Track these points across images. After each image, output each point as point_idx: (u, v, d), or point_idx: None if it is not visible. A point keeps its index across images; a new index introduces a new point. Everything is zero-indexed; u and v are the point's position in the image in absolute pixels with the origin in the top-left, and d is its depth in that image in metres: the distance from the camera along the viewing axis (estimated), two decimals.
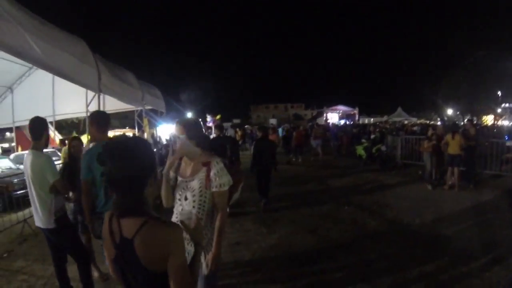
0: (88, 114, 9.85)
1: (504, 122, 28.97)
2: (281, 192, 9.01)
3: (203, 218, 2.40)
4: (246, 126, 33.86)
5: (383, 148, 12.39)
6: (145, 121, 15.69)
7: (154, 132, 22.39)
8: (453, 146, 8.59)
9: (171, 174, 2.54)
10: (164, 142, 15.68)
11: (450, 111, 48.17)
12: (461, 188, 8.63)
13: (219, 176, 2.39)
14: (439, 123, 37.56)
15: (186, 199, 2.42)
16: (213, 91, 73.46)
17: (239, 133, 24.84)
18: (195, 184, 2.41)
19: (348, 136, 19.58)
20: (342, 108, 53.29)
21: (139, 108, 13.92)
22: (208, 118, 27.36)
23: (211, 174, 2.39)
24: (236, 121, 60.36)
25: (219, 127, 8.17)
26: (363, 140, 13.47)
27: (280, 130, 20.25)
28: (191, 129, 2.54)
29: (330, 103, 54.45)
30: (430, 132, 9.41)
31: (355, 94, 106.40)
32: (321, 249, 5.14)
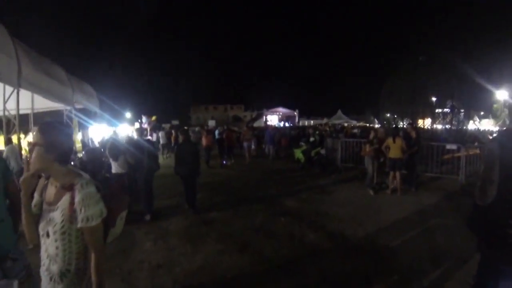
0: (7, 112, 8.40)
1: (438, 126, 30.99)
2: (212, 200, 8.07)
3: (71, 269, 1.73)
4: (185, 128, 32.39)
5: (323, 151, 11.90)
6: (75, 122, 14.21)
7: (85, 134, 20.60)
8: (395, 150, 8.31)
9: (36, 197, 1.86)
10: (97, 145, 14.06)
11: (388, 114, 51.10)
12: (403, 192, 8.36)
13: (86, 206, 1.69)
14: (377, 125, 39.35)
15: (48, 235, 1.75)
16: (151, 91, 70.51)
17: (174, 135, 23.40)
18: (57, 215, 1.73)
19: (286, 138, 19.13)
20: (282, 110, 53.94)
21: (68, 108, 12.30)
22: (144, 119, 25.90)
23: (75, 202, 1.69)
24: (175, 122, 58.92)
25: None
26: (302, 143, 12.88)
27: (216, 132, 19.30)
28: (49, 136, 1.75)
29: (270, 105, 54.88)
30: (371, 135, 8.99)
31: (295, 96, 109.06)
32: (252, 272, 4.23)
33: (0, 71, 7.24)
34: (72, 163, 9.66)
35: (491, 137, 11.52)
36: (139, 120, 26.10)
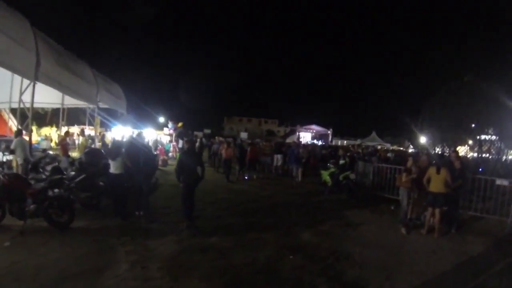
0: (22, 105, 8.15)
1: (473, 155, 27.92)
2: (217, 221, 7.16)
3: None
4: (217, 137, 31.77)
5: (352, 176, 10.61)
6: (97, 120, 14.00)
7: (108, 133, 20.49)
8: (438, 182, 6.95)
9: None
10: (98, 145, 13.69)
11: (423, 139, 48.12)
12: (442, 233, 6.97)
13: None
14: (411, 150, 36.90)
15: None
16: (185, 98, 71.26)
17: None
18: None
19: (316, 157, 17.85)
20: (315, 128, 52.46)
21: (92, 106, 12.20)
22: (170, 124, 25.34)
23: None
24: (207, 131, 58.95)
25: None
26: (330, 165, 11.66)
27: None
28: None
29: (304, 122, 53.61)
30: (409, 163, 7.70)
31: (329, 115, 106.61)
32: None
33: (16, 64, 6.92)
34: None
35: None
36: (167, 126, 25.58)
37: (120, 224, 6.43)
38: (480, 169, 12.05)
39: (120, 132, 16.35)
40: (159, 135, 24.62)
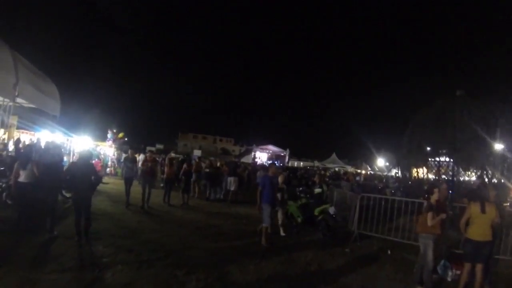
0: None
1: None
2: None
3: None
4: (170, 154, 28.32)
5: (332, 209, 7.84)
6: (12, 120, 11.37)
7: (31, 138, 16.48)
8: (482, 226, 4.72)
9: None
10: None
11: (380, 162, 47.44)
12: None
13: None
14: (369, 172, 35.08)
15: None
16: (139, 109, 67.40)
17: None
18: None
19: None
20: (272, 148, 50.39)
21: (6, 100, 9.17)
22: (109, 134, 21.67)
23: None
24: (160, 146, 55.50)
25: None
26: (300, 194, 8.90)
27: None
28: None
29: (260, 142, 51.43)
30: (435, 195, 5.06)
31: (286, 136, 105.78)
32: None
33: None
34: None
35: None
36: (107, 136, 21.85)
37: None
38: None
39: (45, 138, 13.04)
40: (100, 147, 20.80)
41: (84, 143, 16.50)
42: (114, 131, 21.66)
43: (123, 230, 6.80)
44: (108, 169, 17.56)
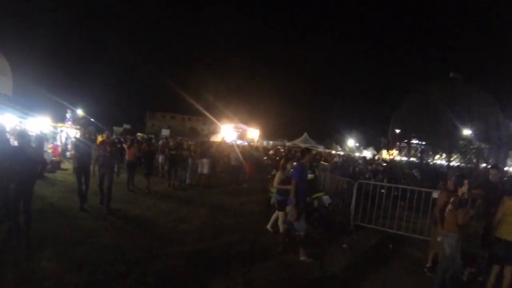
0: None
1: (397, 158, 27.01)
2: None
3: None
4: (137, 134, 26.37)
5: (326, 199, 6.79)
6: None
7: None
8: None
9: None
10: None
11: (351, 142, 47.48)
12: None
13: None
14: (340, 152, 35.09)
15: None
16: (104, 86, 63.87)
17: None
18: None
19: (252, 161, 13.80)
20: (242, 127, 49.20)
21: None
22: (68, 114, 19.61)
23: None
24: (127, 126, 52.90)
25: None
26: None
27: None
28: None
29: (230, 122, 49.99)
30: (464, 187, 4.13)
31: (255, 115, 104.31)
32: None
33: None
34: None
35: None
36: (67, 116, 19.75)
37: None
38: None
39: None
40: (61, 128, 18.61)
41: (41, 125, 14.61)
42: (77, 112, 19.75)
43: (76, 232, 5.40)
44: (68, 153, 15.59)
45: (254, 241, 5.87)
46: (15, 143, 11.47)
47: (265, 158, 18.62)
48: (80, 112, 20.01)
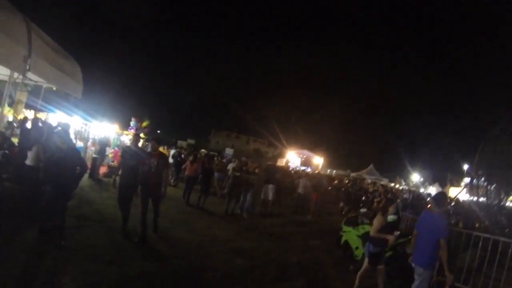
0: None
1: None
2: None
3: None
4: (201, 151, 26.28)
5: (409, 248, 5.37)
6: (20, 96, 10.15)
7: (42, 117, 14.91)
8: None
9: None
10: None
11: (416, 177, 44.47)
12: None
13: None
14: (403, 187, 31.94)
15: None
16: (173, 100, 67.16)
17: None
18: None
19: (320, 191, 12.42)
20: (306, 153, 47.99)
21: (17, 75, 7.64)
22: (132, 122, 20.00)
23: None
24: (191, 141, 54.48)
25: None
26: (362, 218, 6.51)
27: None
28: None
29: (294, 147, 49.15)
30: None
31: (320, 143, 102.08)
32: None
33: None
34: None
35: None
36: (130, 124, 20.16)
37: None
38: None
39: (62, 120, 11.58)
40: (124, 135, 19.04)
41: (106, 129, 14.89)
42: (141, 121, 20.02)
43: (110, 249, 4.68)
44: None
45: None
46: (78, 143, 11.86)
47: (329, 188, 17.16)
48: (145, 122, 20.14)
